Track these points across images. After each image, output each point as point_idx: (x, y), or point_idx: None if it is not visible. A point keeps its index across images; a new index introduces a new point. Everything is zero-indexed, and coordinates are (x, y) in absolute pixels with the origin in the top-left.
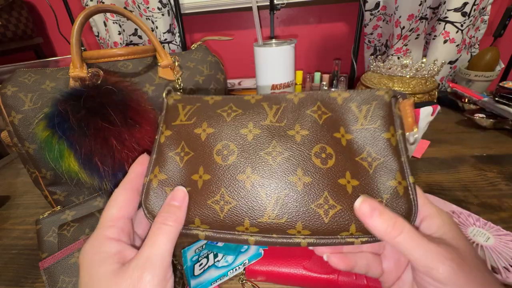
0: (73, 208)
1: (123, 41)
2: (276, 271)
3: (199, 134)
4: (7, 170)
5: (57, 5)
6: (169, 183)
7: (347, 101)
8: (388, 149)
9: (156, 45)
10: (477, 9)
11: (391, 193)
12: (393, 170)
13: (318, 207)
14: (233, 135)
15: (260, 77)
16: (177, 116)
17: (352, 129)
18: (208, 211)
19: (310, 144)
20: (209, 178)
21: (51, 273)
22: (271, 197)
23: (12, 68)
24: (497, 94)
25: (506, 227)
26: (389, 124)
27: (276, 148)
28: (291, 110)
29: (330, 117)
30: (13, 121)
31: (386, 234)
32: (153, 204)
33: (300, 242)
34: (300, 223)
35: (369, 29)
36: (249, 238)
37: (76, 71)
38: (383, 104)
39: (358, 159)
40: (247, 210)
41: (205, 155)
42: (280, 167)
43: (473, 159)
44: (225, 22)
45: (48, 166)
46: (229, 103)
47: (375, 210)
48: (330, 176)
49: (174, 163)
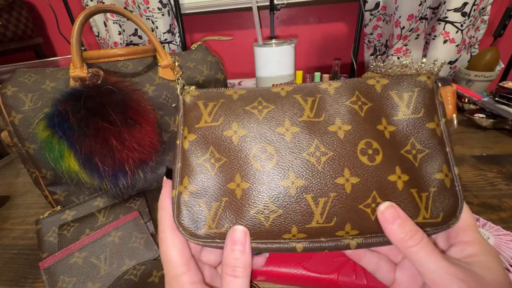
0: (73, 208)
1: (123, 41)
2: (276, 271)
3: (230, 137)
4: (7, 170)
5: (57, 5)
6: (203, 194)
7: (386, 88)
8: (434, 140)
9: (156, 45)
10: (477, 9)
11: (438, 186)
12: (439, 162)
13: (366, 207)
14: (269, 135)
15: (260, 77)
16: (200, 116)
17: (394, 120)
18: (252, 222)
19: (355, 140)
20: (248, 186)
21: (51, 273)
22: (319, 202)
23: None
24: (497, 94)
25: (506, 227)
26: (433, 113)
27: (319, 148)
28: (328, 102)
29: (371, 107)
30: (13, 121)
31: (403, 242)
32: (187, 219)
33: (350, 243)
34: (348, 225)
35: (369, 29)
36: (297, 245)
37: (76, 71)
38: (426, 91)
39: (403, 152)
40: (294, 217)
41: (241, 161)
42: (326, 169)
43: (473, 159)
44: (225, 22)
45: (48, 166)
46: (258, 97)
47: (398, 218)
48: (378, 174)
49: (204, 171)
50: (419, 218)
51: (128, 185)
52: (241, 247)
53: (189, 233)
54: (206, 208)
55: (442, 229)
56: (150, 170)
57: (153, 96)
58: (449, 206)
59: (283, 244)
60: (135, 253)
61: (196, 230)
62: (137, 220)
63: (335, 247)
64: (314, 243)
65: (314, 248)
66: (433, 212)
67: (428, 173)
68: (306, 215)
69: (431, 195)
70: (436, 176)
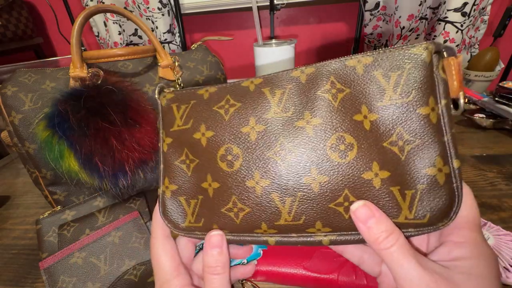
0: (73, 208)
1: (123, 41)
2: (276, 271)
3: (199, 140)
4: (7, 170)
5: (57, 5)
6: (181, 193)
7: (370, 68)
8: (427, 128)
9: (156, 45)
10: (477, 9)
11: (428, 183)
12: (432, 155)
13: (337, 206)
14: (235, 136)
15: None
16: (174, 120)
17: (377, 107)
18: (224, 218)
19: (325, 135)
20: (218, 186)
21: (51, 273)
22: (285, 201)
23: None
24: (497, 94)
25: (506, 227)
26: (428, 94)
27: (284, 146)
28: (298, 93)
29: (348, 94)
30: (13, 121)
31: (376, 243)
32: (171, 214)
33: (322, 240)
34: (319, 222)
35: (369, 29)
36: (269, 239)
37: (76, 71)
38: (421, 67)
39: (386, 144)
40: (262, 215)
41: (210, 162)
42: (291, 168)
43: (473, 159)
44: (225, 22)
45: (48, 166)
46: (226, 95)
47: (372, 218)
48: (351, 172)
49: (181, 172)
50: (400, 218)
51: (128, 185)
52: (219, 249)
53: (173, 226)
54: (186, 204)
55: (429, 231)
56: (150, 170)
57: (153, 96)
58: (440, 206)
59: (256, 237)
60: (135, 253)
61: (179, 224)
62: (137, 220)
63: (308, 242)
64: (286, 237)
65: (286, 242)
66: (418, 212)
67: (416, 167)
68: (273, 214)
69: (418, 193)
70: (427, 171)
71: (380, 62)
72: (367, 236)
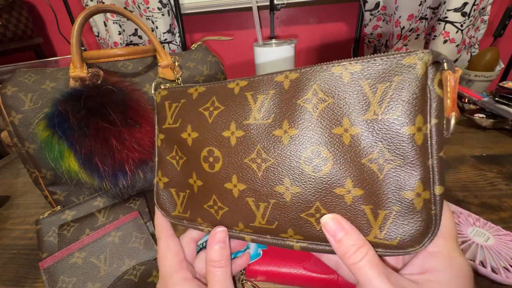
0: (73, 208)
1: (123, 41)
2: (276, 271)
3: (185, 139)
4: (7, 170)
5: (57, 5)
6: (172, 184)
7: (358, 77)
8: (409, 148)
9: (156, 45)
10: (477, 9)
11: (404, 206)
12: (412, 178)
13: (309, 216)
14: (216, 139)
15: None
16: (165, 118)
17: (360, 120)
18: (206, 213)
19: (300, 147)
20: (201, 184)
21: (51, 273)
22: (259, 206)
23: (12, 68)
24: (497, 94)
25: (506, 227)
26: (416, 112)
27: (260, 154)
28: (279, 100)
29: (330, 105)
30: (13, 121)
31: (345, 257)
32: (163, 202)
33: (293, 245)
34: (291, 229)
35: (369, 29)
36: (246, 237)
37: (76, 71)
38: (411, 81)
39: (365, 161)
40: (239, 215)
41: (195, 161)
42: (265, 176)
43: (473, 159)
44: (225, 22)
45: (48, 166)
46: (212, 96)
47: (342, 230)
48: (323, 186)
49: (172, 166)
50: (370, 236)
51: (128, 185)
52: (222, 244)
53: (166, 213)
54: (176, 195)
55: (398, 254)
56: (150, 170)
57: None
58: (413, 231)
59: (234, 233)
60: (135, 253)
61: (170, 211)
62: (137, 220)
63: (280, 244)
64: (260, 237)
65: (261, 241)
66: (389, 234)
67: (394, 188)
68: (249, 216)
69: (391, 215)
70: (404, 194)
71: (369, 71)
72: (336, 249)
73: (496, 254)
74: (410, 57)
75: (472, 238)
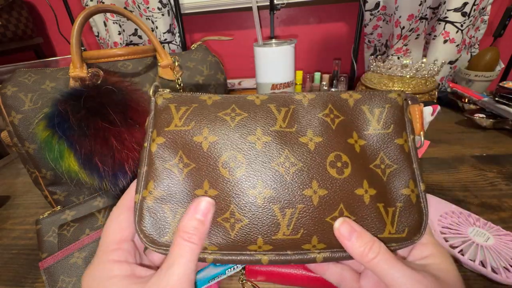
0: (73, 208)
1: (123, 41)
2: (276, 271)
3: (200, 143)
4: (7, 170)
5: (57, 5)
6: (168, 200)
7: (359, 103)
8: (402, 156)
9: (156, 45)
10: (477, 9)
11: (405, 201)
12: (406, 178)
13: (333, 220)
14: (240, 143)
15: (260, 77)
16: (171, 120)
17: (365, 134)
18: (217, 229)
19: (325, 152)
20: (216, 193)
21: (51, 273)
22: (286, 213)
23: (12, 68)
24: (497, 94)
25: (506, 227)
26: (402, 129)
27: (289, 158)
28: (302, 113)
29: (342, 121)
30: (13, 121)
31: (363, 256)
32: (150, 226)
33: (316, 257)
34: (315, 237)
35: (369, 29)
36: (263, 258)
37: (76, 71)
38: (396, 108)
39: (372, 166)
40: (260, 228)
41: (210, 168)
42: (294, 180)
43: (473, 159)
44: (225, 22)
45: (48, 166)
46: (232, 104)
47: (354, 232)
48: (346, 187)
49: (172, 176)
50: (385, 233)
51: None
52: (202, 218)
53: (150, 241)
54: (171, 214)
55: (407, 245)
56: None
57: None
58: (414, 222)
59: (248, 256)
60: None
61: (159, 238)
62: None
63: (301, 260)
64: (280, 256)
65: (280, 261)
66: (399, 227)
67: (395, 188)
68: (273, 226)
69: (397, 210)
70: (403, 192)
71: (366, 100)
72: (352, 251)
73: (496, 254)
74: (393, 94)
75: (472, 238)
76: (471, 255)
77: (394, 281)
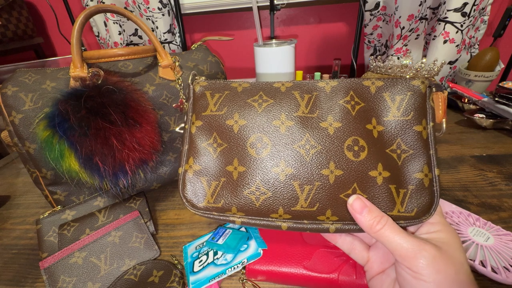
0: (74, 207)
1: (124, 41)
2: (276, 271)
3: (231, 126)
4: (7, 170)
5: (57, 5)
6: (204, 173)
7: (381, 90)
8: (419, 142)
9: (157, 45)
10: (477, 9)
11: (417, 184)
12: (421, 163)
13: (346, 197)
14: (266, 127)
15: (260, 77)
16: (207, 105)
17: (384, 120)
18: (244, 200)
19: (343, 136)
20: (244, 170)
21: (52, 273)
22: (304, 189)
23: (12, 68)
24: (497, 94)
25: (506, 227)
26: (422, 117)
27: (309, 141)
28: (323, 100)
29: (362, 107)
30: (14, 121)
31: (372, 227)
32: (191, 193)
33: (329, 227)
34: (329, 210)
35: (369, 29)
36: (282, 224)
37: (76, 71)
38: (418, 95)
39: (388, 151)
40: (281, 200)
41: (239, 147)
42: (313, 160)
43: (473, 159)
44: (225, 22)
45: (48, 166)
46: (259, 91)
47: (365, 207)
48: (361, 169)
49: (207, 153)
50: (394, 211)
51: (128, 185)
52: None
53: (191, 204)
54: (207, 185)
55: (415, 223)
56: (150, 170)
57: (154, 96)
58: (424, 203)
59: (270, 222)
60: (135, 253)
61: (197, 203)
62: (137, 220)
63: (316, 229)
64: (298, 224)
65: (297, 228)
66: (408, 207)
67: (409, 172)
68: (292, 199)
69: (408, 192)
70: (416, 176)
71: (388, 87)
72: (362, 223)
73: (496, 254)
74: (416, 81)
75: (472, 238)
76: (471, 255)
77: (397, 246)
